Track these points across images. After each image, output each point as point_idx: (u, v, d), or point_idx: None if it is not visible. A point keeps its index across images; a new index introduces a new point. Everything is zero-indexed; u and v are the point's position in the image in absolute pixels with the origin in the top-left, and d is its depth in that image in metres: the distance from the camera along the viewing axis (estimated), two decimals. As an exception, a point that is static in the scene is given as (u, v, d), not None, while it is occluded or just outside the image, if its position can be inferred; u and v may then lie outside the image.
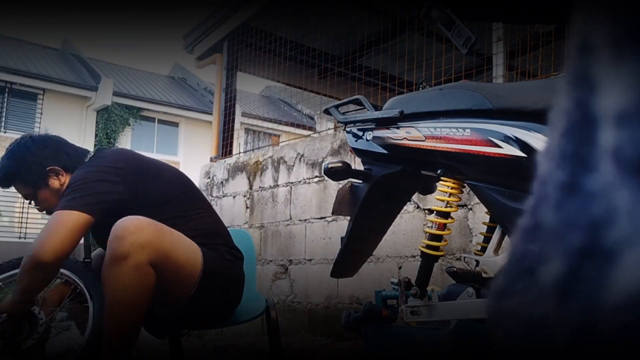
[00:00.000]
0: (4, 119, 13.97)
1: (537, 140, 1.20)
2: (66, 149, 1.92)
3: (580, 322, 0.23)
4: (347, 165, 1.58)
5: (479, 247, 1.59)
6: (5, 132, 13.94)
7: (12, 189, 1.90)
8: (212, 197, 4.57)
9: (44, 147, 1.89)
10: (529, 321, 0.26)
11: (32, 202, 1.90)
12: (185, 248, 1.69)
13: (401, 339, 1.71)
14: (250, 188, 4.24)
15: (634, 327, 0.21)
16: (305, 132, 6.24)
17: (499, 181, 1.31)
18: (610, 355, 0.21)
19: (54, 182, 1.86)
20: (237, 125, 6.09)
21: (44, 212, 1.91)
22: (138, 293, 1.55)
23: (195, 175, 4.17)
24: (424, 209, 2.99)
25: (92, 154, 1.93)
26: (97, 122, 14.70)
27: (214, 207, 3.64)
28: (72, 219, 1.62)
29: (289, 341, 3.19)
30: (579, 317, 0.23)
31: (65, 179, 1.86)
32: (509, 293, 0.28)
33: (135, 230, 1.55)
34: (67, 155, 1.90)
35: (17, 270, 1.73)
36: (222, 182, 4.54)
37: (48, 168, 1.85)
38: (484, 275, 1.45)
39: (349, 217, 1.63)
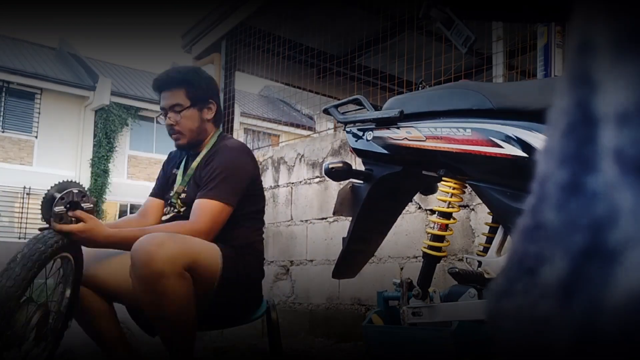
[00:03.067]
0: (1, 119, 13.97)
1: (538, 140, 1.19)
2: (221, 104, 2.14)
3: (582, 323, 0.23)
4: (347, 166, 1.57)
5: (481, 248, 1.58)
6: (3, 132, 13.93)
7: (11, 187, 1.87)
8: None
9: (217, 88, 2.13)
10: (530, 322, 0.25)
11: (170, 113, 1.96)
12: (205, 250, 1.73)
13: (403, 340, 1.70)
14: (250, 188, 4.23)
15: (635, 328, 0.21)
16: (305, 132, 6.24)
17: (500, 181, 1.31)
18: (612, 356, 0.21)
19: (206, 113, 2.00)
20: (236, 125, 6.08)
21: (170, 127, 1.97)
22: (189, 299, 1.62)
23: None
24: (426, 210, 2.99)
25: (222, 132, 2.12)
26: (95, 122, 14.70)
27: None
28: (225, 212, 1.81)
29: (289, 342, 3.19)
30: (581, 317, 0.23)
31: (212, 119, 2.02)
32: (509, 293, 0.28)
33: (159, 247, 1.57)
34: (221, 108, 2.10)
35: None
36: (221, 183, 4.53)
37: (211, 100, 2.02)
38: (486, 276, 1.45)
39: (350, 218, 1.62)
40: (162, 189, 2.09)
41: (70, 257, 1.67)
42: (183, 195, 1.94)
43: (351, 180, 1.60)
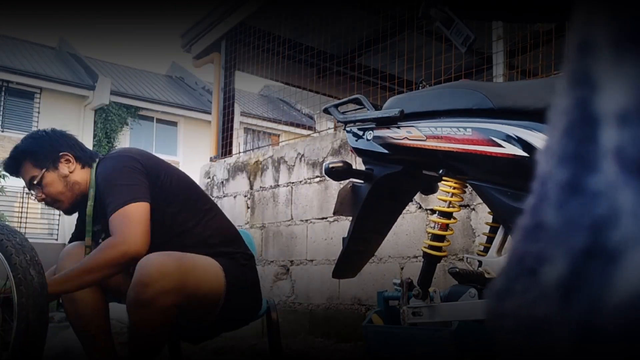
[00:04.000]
0: (1, 118, 13.97)
1: (539, 139, 1.19)
2: (81, 145, 2.01)
3: (582, 323, 0.23)
4: (348, 165, 1.57)
5: (481, 248, 1.58)
6: (3, 132, 13.93)
7: (11, 187, 1.89)
8: (213, 197, 4.56)
9: (62, 135, 1.98)
10: (530, 322, 0.25)
11: (33, 190, 1.90)
12: (206, 275, 1.73)
13: (403, 340, 1.70)
14: (251, 188, 4.23)
15: (636, 328, 0.21)
16: (305, 132, 6.24)
17: (501, 181, 1.31)
18: (612, 355, 0.21)
19: (64, 168, 1.89)
20: (236, 125, 6.08)
21: (42, 202, 1.91)
22: (161, 333, 1.65)
23: (195, 175, 4.16)
24: (426, 209, 2.98)
25: (102, 156, 1.99)
26: (95, 121, 14.69)
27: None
28: (139, 209, 1.69)
29: (289, 342, 3.19)
30: (581, 317, 0.23)
31: (75, 168, 1.90)
32: (509, 293, 0.28)
33: (160, 277, 1.58)
34: (81, 149, 1.97)
35: None
36: (222, 182, 4.53)
37: (61, 153, 1.90)
38: (486, 275, 1.45)
39: (350, 218, 1.62)
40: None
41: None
42: (101, 231, 1.89)
43: (351, 179, 1.59)
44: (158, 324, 1.61)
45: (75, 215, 2.03)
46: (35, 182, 1.87)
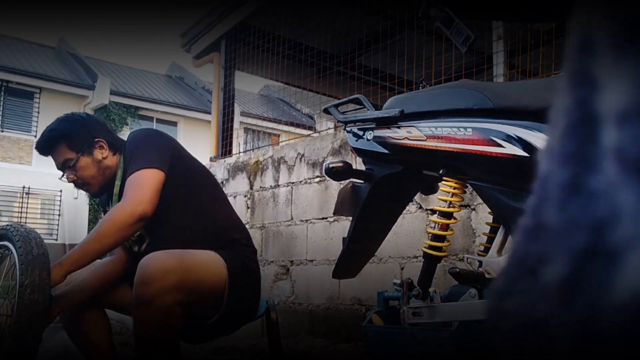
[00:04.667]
0: (1, 118, 13.97)
1: (539, 139, 1.19)
2: (112, 132, 2.05)
3: (583, 323, 0.22)
4: (348, 165, 1.57)
5: (482, 248, 1.58)
6: (2, 131, 13.93)
7: (11, 187, 1.89)
8: (212, 197, 4.56)
9: (96, 121, 2.01)
10: (530, 322, 0.25)
11: (66, 172, 1.91)
12: (208, 271, 1.73)
13: (403, 340, 1.70)
14: (251, 188, 4.23)
15: (636, 328, 0.21)
16: (305, 132, 6.24)
17: (501, 181, 1.30)
18: (613, 356, 0.21)
19: (98, 153, 1.92)
20: (236, 125, 6.08)
21: (72, 183, 1.93)
22: (166, 332, 1.63)
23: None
24: (427, 210, 2.98)
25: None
26: (95, 121, 14.67)
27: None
28: (155, 175, 1.74)
29: (289, 343, 3.19)
30: (581, 318, 0.23)
31: (108, 154, 1.93)
32: (509, 294, 0.27)
33: (161, 276, 1.57)
34: (113, 136, 2.01)
35: None
36: (222, 182, 4.53)
37: (96, 139, 1.92)
38: (487, 276, 1.45)
39: (350, 218, 1.62)
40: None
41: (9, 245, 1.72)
42: None
43: (351, 179, 1.59)
44: (162, 323, 1.61)
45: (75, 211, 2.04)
46: (70, 165, 1.89)
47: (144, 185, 1.71)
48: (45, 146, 1.92)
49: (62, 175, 1.93)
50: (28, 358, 1.56)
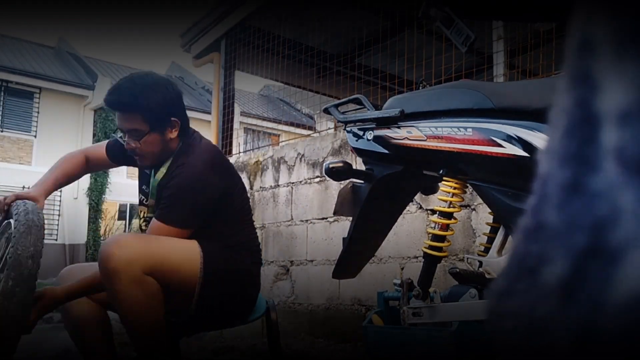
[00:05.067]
0: (0, 118, 13.96)
1: (539, 139, 1.19)
2: (186, 113, 1.89)
3: (583, 323, 0.22)
4: (348, 165, 1.57)
5: (482, 248, 1.58)
6: (2, 131, 13.92)
7: (10, 187, 1.89)
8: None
9: (178, 98, 1.85)
10: (531, 322, 0.25)
11: (128, 137, 1.79)
12: (178, 248, 1.70)
13: (403, 341, 1.70)
14: (251, 188, 4.23)
15: (636, 328, 0.21)
16: (305, 132, 6.23)
17: (502, 181, 1.30)
18: (613, 356, 0.21)
19: (169, 133, 1.80)
20: (236, 125, 6.08)
21: (129, 149, 1.82)
22: (145, 303, 1.59)
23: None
24: (427, 210, 2.98)
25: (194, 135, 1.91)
26: (94, 121, 14.68)
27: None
28: (176, 234, 1.70)
29: (289, 343, 3.18)
30: (581, 318, 0.23)
31: (176, 134, 1.82)
32: (510, 294, 0.27)
33: (119, 248, 1.57)
34: (187, 119, 1.87)
35: None
36: (222, 183, 4.52)
37: (173, 119, 1.80)
38: (487, 276, 1.45)
39: (350, 218, 1.62)
40: (117, 155, 2.00)
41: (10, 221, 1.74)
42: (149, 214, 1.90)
43: (352, 180, 1.59)
44: (137, 295, 1.56)
45: (74, 213, 2.05)
46: (136, 135, 1.77)
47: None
48: (119, 106, 1.77)
49: (122, 137, 1.83)
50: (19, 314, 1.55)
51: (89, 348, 1.85)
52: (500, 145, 1.25)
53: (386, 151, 1.49)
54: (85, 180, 14.24)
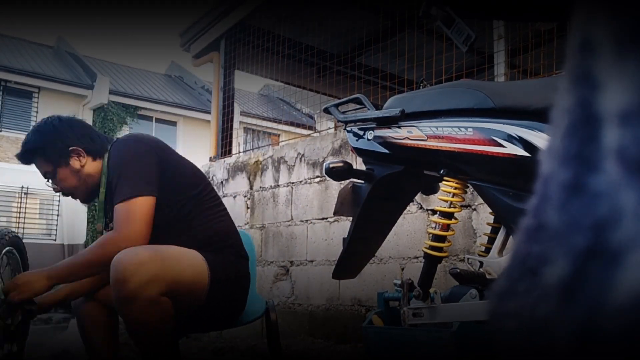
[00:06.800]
0: (-1, 118, 13.97)
1: (540, 139, 1.19)
2: (91, 134, 1.96)
3: (584, 324, 0.22)
4: (348, 165, 1.57)
5: (483, 248, 1.58)
6: (1, 131, 13.93)
7: (9, 187, 1.93)
8: (212, 197, 4.55)
9: (69, 127, 1.92)
10: (531, 322, 0.25)
11: (50, 180, 1.91)
12: (189, 265, 1.69)
13: (403, 341, 1.69)
14: (251, 188, 4.22)
15: (637, 329, 0.21)
16: (305, 132, 6.23)
17: (502, 181, 1.30)
18: (614, 356, 0.21)
19: (75, 163, 1.87)
20: (236, 125, 6.08)
21: (60, 192, 1.92)
22: (160, 326, 1.58)
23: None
24: (427, 210, 2.98)
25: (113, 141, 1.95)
26: (94, 121, 14.68)
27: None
28: (144, 203, 1.69)
29: (288, 343, 3.18)
30: (582, 318, 0.23)
31: (87, 161, 1.88)
32: (511, 294, 0.27)
33: (137, 268, 1.53)
34: (91, 139, 1.93)
35: None
36: (222, 182, 4.53)
37: (71, 148, 1.87)
38: (487, 276, 1.44)
39: (351, 218, 1.61)
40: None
41: (14, 249, 1.84)
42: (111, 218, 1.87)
43: (352, 180, 1.59)
44: (152, 318, 1.55)
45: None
46: (49, 176, 1.89)
47: (134, 219, 1.66)
48: (24, 159, 1.91)
49: (48, 182, 1.93)
50: None
51: (92, 347, 1.85)
52: (501, 145, 1.24)
53: (386, 151, 1.49)
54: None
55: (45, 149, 1.86)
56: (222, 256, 1.80)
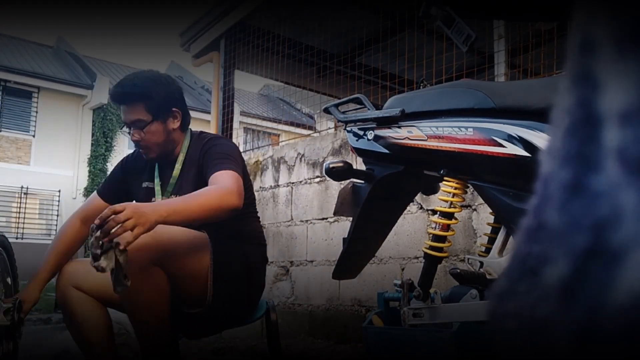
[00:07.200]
0: (-2, 117, 13.98)
1: (541, 139, 1.19)
2: (188, 110, 2.01)
3: (584, 324, 0.22)
4: (348, 165, 1.57)
5: (483, 248, 1.58)
6: (0, 131, 13.93)
7: (9, 187, 1.92)
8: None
9: (178, 88, 1.99)
10: (532, 322, 0.25)
11: (133, 129, 1.86)
12: (186, 239, 1.68)
13: (403, 342, 1.69)
14: (251, 188, 4.23)
15: (637, 329, 0.21)
16: (305, 132, 6.23)
17: (503, 181, 1.30)
18: (614, 356, 0.21)
19: (170, 123, 1.90)
20: (235, 125, 6.08)
21: (135, 142, 1.89)
22: (151, 295, 1.57)
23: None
24: (427, 210, 2.98)
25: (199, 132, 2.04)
26: (93, 121, 14.69)
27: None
28: (240, 180, 1.75)
29: (288, 343, 3.18)
30: (583, 318, 0.23)
31: (178, 127, 1.92)
32: (511, 294, 0.28)
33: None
34: (187, 110, 1.98)
35: None
36: (221, 182, 4.52)
37: (174, 109, 1.91)
38: (488, 276, 1.44)
39: (351, 218, 1.61)
40: (114, 192, 1.99)
41: (1, 249, 1.87)
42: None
43: (352, 180, 1.59)
44: (143, 286, 1.52)
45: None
46: (140, 125, 1.85)
47: (238, 184, 1.70)
48: (122, 98, 1.86)
49: (128, 131, 1.89)
50: None
51: (89, 347, 1.84)
52: (501, 145, 1.24)
53: (387, 151, 1.49)
54: (83, 180, 14.25)
55: (154, 99, 1.84)
56: (234, 240, 1.82)
